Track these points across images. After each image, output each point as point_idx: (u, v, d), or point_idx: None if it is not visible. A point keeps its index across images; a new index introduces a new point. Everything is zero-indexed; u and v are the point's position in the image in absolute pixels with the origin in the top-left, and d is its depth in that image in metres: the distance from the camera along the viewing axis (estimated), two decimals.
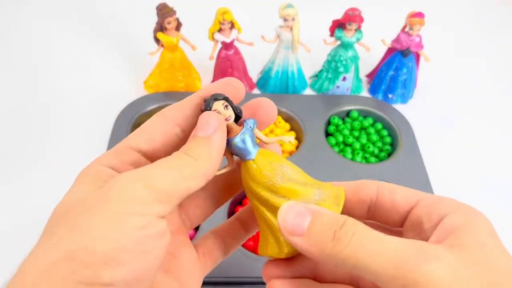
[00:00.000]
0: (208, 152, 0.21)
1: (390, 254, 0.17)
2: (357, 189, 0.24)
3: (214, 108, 0.22)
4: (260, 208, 0.23)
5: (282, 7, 0.57)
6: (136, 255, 0.18)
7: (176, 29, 0.58)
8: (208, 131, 0.21)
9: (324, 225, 0.19)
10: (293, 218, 0.20)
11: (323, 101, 0.62)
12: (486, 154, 0.60)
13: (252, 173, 0.22)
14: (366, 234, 0.18)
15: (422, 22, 0.58)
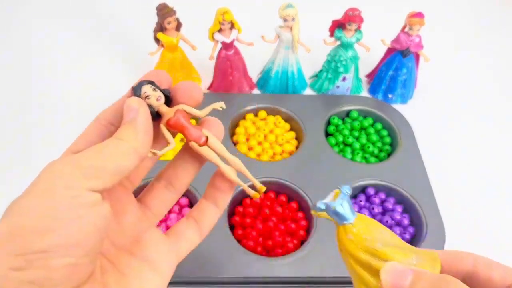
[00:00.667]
0: (134, 132, 0.23)
1: None
2: (453, 260, 0.24)
3: (143, 91, 0.24)
4: (359, 271, 0.23)
5: (282, 7, 0.57)
6: (66, 222, 0.19)
7: (176, 29, 0.58)
8: (131, 114, 0.23)
9: (428, 282, 0.20)
10: (395, 277, 0.21)
11: (323, 101, 0.62)
12: (486, 154, 0.61)
13: (353, 236, 0.23)
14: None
15: (422, 22, 0.58)
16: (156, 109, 0.24)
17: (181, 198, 0.50)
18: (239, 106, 0.60)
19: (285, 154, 0.57)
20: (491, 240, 0.51)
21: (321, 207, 0.24)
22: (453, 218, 0.50)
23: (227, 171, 0.26)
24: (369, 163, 0.56)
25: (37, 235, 0.18)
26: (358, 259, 0.23)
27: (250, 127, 0.58)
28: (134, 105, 0.23)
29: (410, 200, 0.50)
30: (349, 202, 0.24)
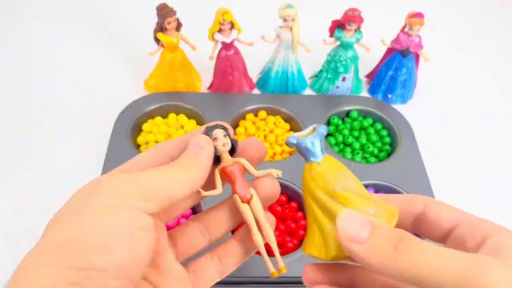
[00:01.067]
0: (195, 165, 0.23)
1: (451, 266, 0.18)
2: (406, 203, 0.25)
3: (215, 134, 0.25)
4: (315, 209, 0.24)
5: (282, 7, 0.57)
6: (125, 244, 0.19)
7: (176, 30, 0.58)
8: (196, 149, 0.24)
9: (384, 237, 0.20)
10: (354, 226, 0.21)
11: (323, 101, 0.62)
12: (486, 154, 0.61)
13: (315, 174, 0.24)
14: (426, 247, 0.19)
15: (421, 23, 0.58)
16: (219, 154, 0.25)
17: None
18: (239, 106, 0.60)
19: (285, 154, 0.57)
20: None
21: (292, 142, 0.24)
22: None
23: (257, 239, 0.26)
24: (369, 163, 0.56)
25: (99, 253, 0.19)
26: (316, 198, 0.24)
27: (250, 127, 0.58)
28: (202, 142, 0.24)
29: None
30: (321, 142, 0.24)
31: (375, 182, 0.52)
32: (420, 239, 0.20)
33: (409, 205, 0.25)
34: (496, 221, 0.54)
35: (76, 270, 0.18)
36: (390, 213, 0.23)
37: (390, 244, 0.20)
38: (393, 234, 0.20)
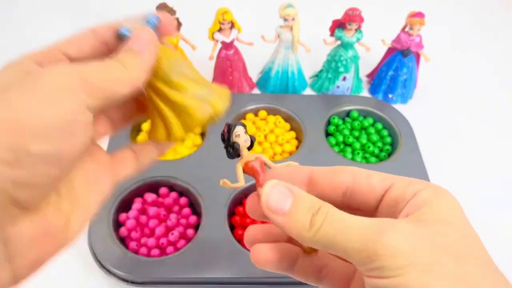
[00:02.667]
0: (138, 63, 0.22)
1: (355, 230, 0.19)
2: (333, 174, 0.25)
3: (237, 131, 0.26)
4: (154, 98, 0.25)
5: (282, 7, 0.57)
6: (63, 135, 0.19)
7: (176, 29, 0.58)
8: (141, 45, 0.23)
9: (303, 208, 0.21)
10: (277, 198, 0.22)
11: (323, 101, 0.62)
12: (487, 154, 0.61)
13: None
14: (335, 215, 0.20)
15: (422, 22, 0.58)
16: (240, 149, 0.26)
17: (181, 198, 0.50)
18: (239, 106, 0.60)
19: (285, 154, 0.57)
20: (491, 239, 0.51)
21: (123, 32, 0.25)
22: None
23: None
24: (369, 163, 0.56)
25: (36, 138, 0.18)
26: (154, 88, 0.25)
27: (250, 127, 0.58)
28: (147, 37, 0.24)
29: None
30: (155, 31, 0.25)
31: None
32: (334, 208, 0.21)
33: (336, 177, 0.25)
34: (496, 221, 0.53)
35: (9, 150, 0.18)
36: (222, 94, 0.26)
37: (308, 215, 0.21)
38: (311, 204, 0.21)
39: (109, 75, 0.21)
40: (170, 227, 0.47)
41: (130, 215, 0.47)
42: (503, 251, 0.50)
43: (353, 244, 0.19)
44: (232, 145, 0.26)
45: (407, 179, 0.23)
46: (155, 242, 0.46)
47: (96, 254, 0.43)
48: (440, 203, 0.21)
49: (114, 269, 0.42)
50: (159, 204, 0.49)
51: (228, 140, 0.26)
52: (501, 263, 0.48)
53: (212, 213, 0.47)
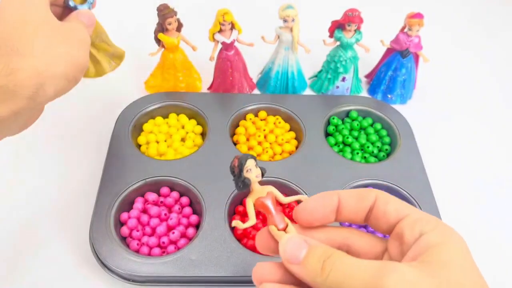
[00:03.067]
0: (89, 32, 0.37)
1: (360, 274, 0.21)
2: (359, 200, 0.26)
3: (248, 165, 0.25)
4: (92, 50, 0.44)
5: (282, 8, 0.57)
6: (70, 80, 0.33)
7: (177, 30, 0.58)
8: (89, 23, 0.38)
9: (316, 257, 0.23)
10: (292, 249, 0.24)
11: (322, 101, 0.62)
12: (486, 154, 0.61)
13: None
14: (344, 260, 0.22)
15: (421, 23, 0.58)
16: (250, 184, 0.26)
17: (181, 197, 0.51)
18: (239, 106, 0.60)
19: (285, 154, 0.57)
20: (491, 239, 0.51)
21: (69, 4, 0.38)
22: (452, 217, 0.50)
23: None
24: (368, 163, 0.56)
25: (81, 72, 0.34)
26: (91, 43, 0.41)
27: (250, 127, 0.58)
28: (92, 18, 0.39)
29: (410, 199, 0.51)
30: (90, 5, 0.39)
31: (374, 182, 0.52)
32: (344, 253, 0.23)
33: (364, 200, 0.26)
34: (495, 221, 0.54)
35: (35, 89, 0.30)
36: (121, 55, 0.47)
37: (319, 262, 0.23)
38: (324, 253, 0.23)
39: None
40: (171, 226, 0.47)
41: (131, 215, 0.48)
42: (504, 250, 0.50)
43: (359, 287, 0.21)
44: (243, 181, 0.25)
45: (420, 213, 0.25)
46: (156, 241, 0.46)
47: (97, 253, 0.44)
48: (447, 247, 0.22)
49: (116, 268, 0.42)
50: (160, 204, 0.50)
51: (240, 175, 0.25)
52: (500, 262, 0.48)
53: (213, 213, 0.47)
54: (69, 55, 0.31)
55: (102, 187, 0.49)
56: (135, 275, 0.42)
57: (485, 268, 0.48)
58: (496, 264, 0.49)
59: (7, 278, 0.45)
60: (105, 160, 0.52)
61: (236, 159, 0.26)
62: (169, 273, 0.42)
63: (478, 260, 0.52)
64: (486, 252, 0.50)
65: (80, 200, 0.51)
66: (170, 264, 0.43)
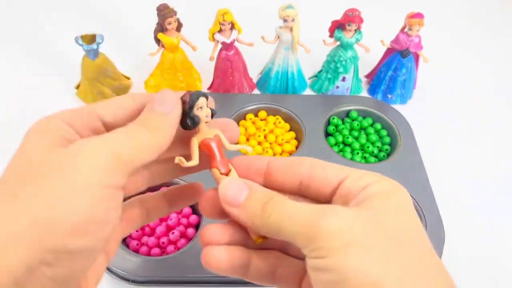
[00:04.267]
0: (164, 126, 0.22)
1: (299, 216, 0.21)
2: (290, 166, 0.26)
3: (200, 101, 0.24)
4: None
5: (282, 8, 0.57)
6: (100, 226, 0.19)
7: (177, 30, 0.58)
8: (166, 107, 0.22)
9: (256, 199, 0.23)
10: (232, 191, 0.23)
11: (322, 101, 0.62)
12: (486, 154, 0.61)
13: None
14: (284, 203, 0.22)
15: (421, 23, 0.58)
16: (199, 123, 0.24)
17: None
18: (239, 106, 0.60)
19: (285, 154, 0.57)
20: (491, 239, 0.51)
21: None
22: (452, 217, 0.50)
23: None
24: (368, 163, 0.56)
25: (74, 236, 0.18)
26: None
27: (250, 127, 0.58)
28: (172, 100, 0.23)
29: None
30: None
31: None
32: (284, 198, 0.23)
33: (294, 167, 0.26)
34: (495, 220, 0.53)
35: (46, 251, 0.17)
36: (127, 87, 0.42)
37: (260, 205, 0.22)
38: (265, 195, 0.23)
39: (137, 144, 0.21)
40: (170, 227, 0.47)
41: None
42: (503, 250, 0.50)
43: (297, 228, 0.21)
44: (192, 117, 0.24)
45: (362, 171, 0.25)
46: (155, 241, 0.46)
47: None
48: (389, 196, 0.23)
49: (115, 268, 0.42)
50: None
51: (190, 111, 0.24)
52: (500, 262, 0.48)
53: None
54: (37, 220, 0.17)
55: None
56: (135, 275, 0.42)
57: (485, 268, 0.48)
58: (496, 264, 0.49)
59: None
60: None
61: (188, 94, 0.24)
62: (169, 273, 0.42)
63: (478, 259, 0.52)
64: (486, 252, 0.50)
65: None
66: (169, 264, 0.43)
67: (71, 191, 0.18)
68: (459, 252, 0.49)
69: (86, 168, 0.19)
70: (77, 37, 0.56)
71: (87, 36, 0.57)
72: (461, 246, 0.50)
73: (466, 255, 0.49)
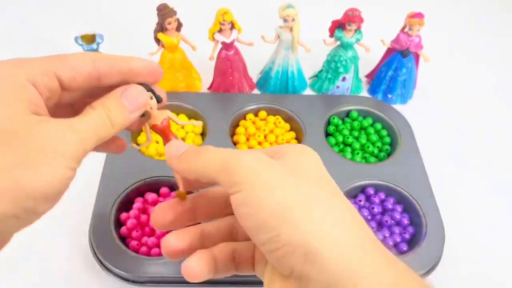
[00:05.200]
0: (126, 124, 0.27)
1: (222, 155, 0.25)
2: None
3: (150, 94, 0.29)
4: None
5: (282, 7, 0.57)
6: (59, 198, 0.24)
7: (177, 30, 0.58)
8: (134, 107, 0.27)
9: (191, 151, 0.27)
10: (174, 149, 0.28)
11: (323, 101, 0.62)
12: (486, 154, 0.61)
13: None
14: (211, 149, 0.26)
15: (421, 23, 0.58)
16: (148, 111, 0.29)
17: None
18: (239, 106, 0.60)
19: None
20: (491, 239, 0.51)
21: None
22: (452, 217, 0.50)
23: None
24: (368, 163, 0.56)
25: (45, 202, 0.23)
26: None
27: (250, 127, 0.58)
28: (142, 101, 0.28)
29: (410, 199, 0.50)
30: None
31: (375, 182, 0.52)
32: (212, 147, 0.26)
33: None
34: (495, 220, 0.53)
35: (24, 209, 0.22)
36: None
37: (193, 152, 0.27)
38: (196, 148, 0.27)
39: (96, 138, 0.25)
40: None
41: (130, 215, 0.48)
42: (503, 250, 0.50)
43: (220, 166, 0.24)
44: (144, 112, 0.29)
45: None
46: (155, 241, 0.46)
47: (97, 253, 0.44)
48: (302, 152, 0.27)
49: (115, 268, 0.42)
50: None
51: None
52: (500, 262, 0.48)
53: None
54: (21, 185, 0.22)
55: (102, 187, 0.49)
56: (135, 275, 0.42)
57: (485, 268, 0.48)
58: (496, 264, 0.49)
59: (7, 278, 0.45)
60: (105, 160, 0.52)
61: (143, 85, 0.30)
62: (169, 273, 0.42)
63: (478, 259, 0.52)
64: (486, 252, 0.50)
65: (80, 200, 0.51)
66: (169, 264, 0.43)
67: (49, 168, 0.23)
68: (459, 252, 0.49)
69: (61, 155, 0.23)
70: (77, 37, 0.56)
71: (87, 36, 0.57)
72: (461, 246, 0.50)
73: (466, 255, 0.49)
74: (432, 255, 0.45)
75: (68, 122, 0.24)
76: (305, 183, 0.24)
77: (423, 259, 0.45)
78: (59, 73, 0.25)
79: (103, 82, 0.28)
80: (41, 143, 0.23)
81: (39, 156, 0.23)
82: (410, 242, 0.48)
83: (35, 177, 0.22)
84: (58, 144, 0.23)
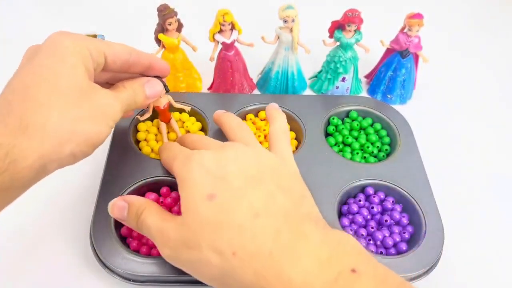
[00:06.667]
0: (142, 105, 0.39)
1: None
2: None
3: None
4: None
5: (282, 8, 0.57)
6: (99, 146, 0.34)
7: (177, 30, 0.58)
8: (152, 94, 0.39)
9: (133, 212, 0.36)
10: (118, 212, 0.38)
11: (322, 102, 0.63)
12: (486, 154, 0.61)
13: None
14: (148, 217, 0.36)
15: (421, 23, 0.58)
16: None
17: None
18: (239, 106, 0.60)
19: None
20: (491, 239, 0.51)
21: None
22: (452, 217, 0.50)
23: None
24: (368, 163, 0.56)
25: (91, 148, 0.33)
26: None
27: (250, 127, 0.58)
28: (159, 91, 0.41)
29: (409, 199, 0.51)
30: None
31: (374, 182, 0.52)
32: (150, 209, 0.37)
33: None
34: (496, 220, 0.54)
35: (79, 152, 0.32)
36: None
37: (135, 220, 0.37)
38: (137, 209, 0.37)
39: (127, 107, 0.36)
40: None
41: None
42: (503, 250, 0.50)
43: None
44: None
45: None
46: None
47: (97, 253, 0.44)
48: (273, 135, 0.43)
49: (116, 268, 0.42)
50: (160, 204, 0.50)
51: None
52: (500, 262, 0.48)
53: None
54: (84, 133, 0.30)
55: (103, 187, 0.49)
56: (135, 275, 0.42)
57: (485, 267, 0.48)
58: (496, 264, 0.49)
59: (7, 278, 0.45)
60: (106, 160, 0.52)
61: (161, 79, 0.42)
62: (169, 273, 0.43)
63: (478, 259, 0.52)
64: (486, 252, 0.50)
65: (80, 200, 0.51)
66: (170, 264, 0.43)
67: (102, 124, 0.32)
68: (459, 252, 0.49)
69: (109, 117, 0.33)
70: None
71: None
72: (461, 246, 0.50)
73: (465, 255, 0.49)
74: (431, 255, 0.45)
75: (114, 95, 0.34)
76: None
77: (422, 258, 0.45)
78: (106, 54, 0.33)
79: (131, 69, 0.37)
80: (99, 105, 0.31)
81: (97, 115, 0.31)
82: (410, 241, 0.49)
83: (93, 129, 0.31)
84: (109, 108, 0.33)
